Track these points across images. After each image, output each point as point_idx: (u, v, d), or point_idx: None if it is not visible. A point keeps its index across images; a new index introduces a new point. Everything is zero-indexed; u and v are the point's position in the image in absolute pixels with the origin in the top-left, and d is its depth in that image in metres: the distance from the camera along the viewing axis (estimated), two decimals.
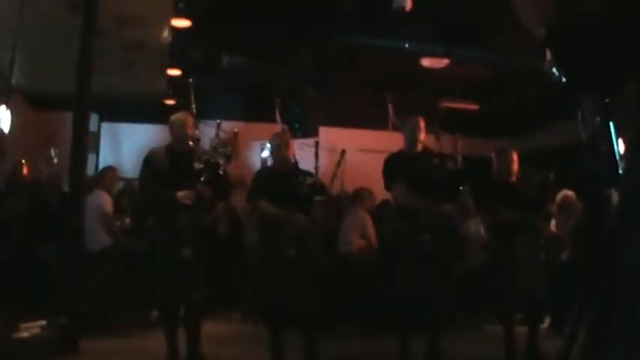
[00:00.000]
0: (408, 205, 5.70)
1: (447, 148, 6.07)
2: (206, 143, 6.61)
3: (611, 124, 1.13)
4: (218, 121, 6.29)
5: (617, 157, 1.22)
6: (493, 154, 6.31)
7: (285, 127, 9.35)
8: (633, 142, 1.13)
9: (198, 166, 5.59)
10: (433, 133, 6.01)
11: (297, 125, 10.27)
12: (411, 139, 5.87)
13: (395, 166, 5.84)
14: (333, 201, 7.93)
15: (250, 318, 8.01)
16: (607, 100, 1.13)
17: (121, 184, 9.04)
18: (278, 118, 9.24)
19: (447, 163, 5.81)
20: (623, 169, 1.20)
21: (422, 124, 5.86)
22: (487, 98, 11.07)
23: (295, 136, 9.27)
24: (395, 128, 9.08)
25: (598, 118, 1.19)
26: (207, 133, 7.86)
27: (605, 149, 1.23)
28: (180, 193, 5.39)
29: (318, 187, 5.95)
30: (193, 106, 6.33)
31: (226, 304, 8.53)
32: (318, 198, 5.82)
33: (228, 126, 9.97)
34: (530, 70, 7.93)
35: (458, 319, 7.28)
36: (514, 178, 6.13)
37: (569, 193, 7.78)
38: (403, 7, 6.72)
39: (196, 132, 5.93)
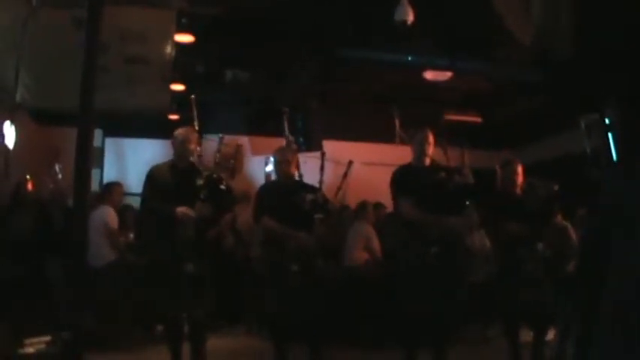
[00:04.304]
0: (413, 218, 5.68)
1: (454, 161, 6.05)
2: (210, 158, 6.62)
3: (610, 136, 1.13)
4: (220, 135, 6.29)
5: None
6: (497, 167, 6.30)
7: (292, 138, 9.35)
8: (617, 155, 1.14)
9: (199, 182, 5.60)
10: (441, 147, 5.99)
11: (301, 139, 10.28)
12: (420, 153, 5.86)
13: (402, 180, 5.83)
14: (334, 217, 7.92)
15: (256, 332, 8.00)
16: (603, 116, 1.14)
17: (125, 200, 9.05)
18: (286, 128, 9.22)
19: (455, 177, 5.79)
20: (602, 184, 1.21)
21: (430, 137, 5.85)
22: (490, 110, 11.06)
23: (300, 150, 9.28)
24: (402, 142, 9.06)
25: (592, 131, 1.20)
26: (211, 147, 7.88)
27: (606, 162, 1.22)
28: (179, 210, 5.40)
29: (319, 204, 5.97)
30: (196, 122, 6.34)
31: (232, 319, 8.52)
32: (317, 216, 5.85)
33: (232, 140, 9.96)
34: (532, 81, 7.92)
35: (464, 331, 7.25)
36: (519, 190, 6.12)
37: None
38: (405, 21, 6.73)
39: (199, 148, 5.94)
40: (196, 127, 6.32)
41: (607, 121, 1.12)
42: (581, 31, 0.96)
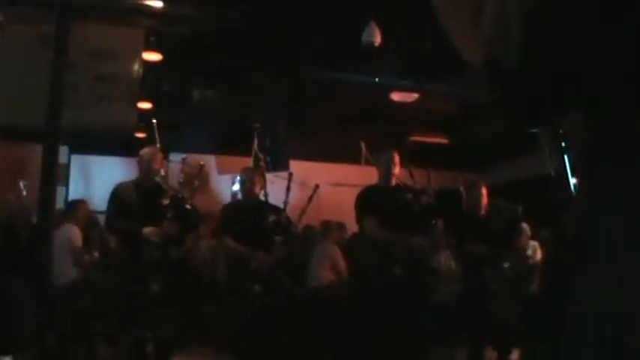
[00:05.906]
0: (379, 239, 5.72)
1: (420, 182, 6.11)
2: (175, 178, 6.63)
3: (566, 156, 1.17)
4: (184, 156, 6.33)
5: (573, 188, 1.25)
6: (462, 188, 6.38)
7: (262, 156, 9.36)
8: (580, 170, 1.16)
9: (164, 201, 5.61)
10: (407, 168, 6.06)
11: (269, 158, 10.29)
12: (386, 174, 5.92)
13: (368, 200, 5.88)
14: (295, 239, 7.91)
15: (224, 351, 7.94)
16: (559, 132, 1.17)
17: (90, 218, 8.96)
18: (256, 146, 9.23)
19: (421, 198, 5.85)
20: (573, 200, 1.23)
21: (396, 158, 5.92)
22: (457, 131, 11.16)
23: (267, 170, 9.29)
24: (367, 163, 9.09)
25: (549, 148, 1.23)
26: (176, 167, 7.87)
27: (564, 181, 1.26)
28: (146, 230, 5.39)
29: (281, 226, 6.01)
30: (158, 144, 6.38)
31: (200, 338, 8.44)
32: (277, 238, 5.88)
33: (199, 159, 9.92)
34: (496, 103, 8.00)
35: (429, 351, 7.27)
36: (483, 212, 6.20)
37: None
38: (372, 42, 6.79)
39: (162, 170, 5.96)
40: (158, 148, 6.36)
41: (562, 143, 1.15)
42: (530, 40, 0.98)
